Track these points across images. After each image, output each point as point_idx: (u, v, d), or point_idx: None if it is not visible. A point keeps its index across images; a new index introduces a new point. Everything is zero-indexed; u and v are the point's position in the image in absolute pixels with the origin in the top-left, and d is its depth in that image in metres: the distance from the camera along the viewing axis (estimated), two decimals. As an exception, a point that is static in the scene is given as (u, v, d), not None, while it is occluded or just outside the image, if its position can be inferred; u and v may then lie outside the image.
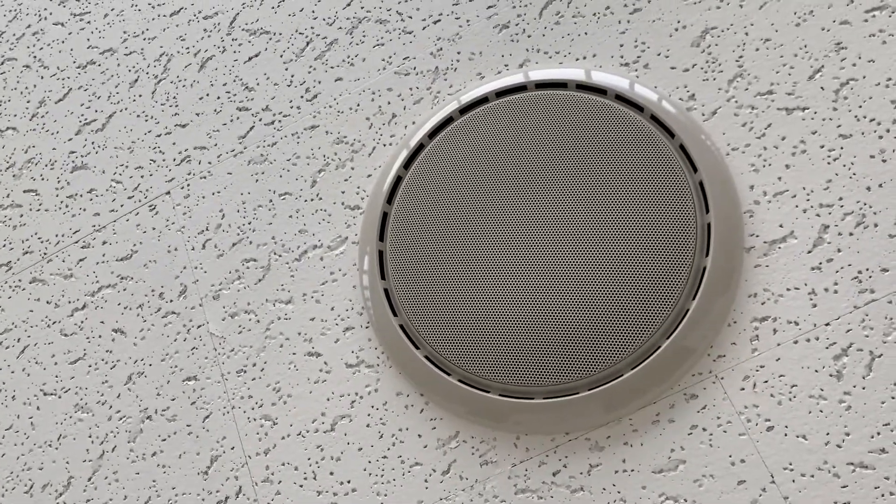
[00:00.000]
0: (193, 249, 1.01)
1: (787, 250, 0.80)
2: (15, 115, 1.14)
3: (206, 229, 1.01)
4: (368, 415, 0.88)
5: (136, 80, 1.10)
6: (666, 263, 0.80)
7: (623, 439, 0.80)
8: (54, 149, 1.11)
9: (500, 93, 0.92)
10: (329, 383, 0.90)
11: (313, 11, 1.05)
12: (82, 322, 1.02)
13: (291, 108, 1.02)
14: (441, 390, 0.85)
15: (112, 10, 1.15)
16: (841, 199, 0.80)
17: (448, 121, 0.93)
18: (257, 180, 1.00)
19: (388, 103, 0.98)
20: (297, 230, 0.97)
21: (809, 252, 0.80)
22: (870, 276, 0.78)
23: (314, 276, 0.95)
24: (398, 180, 0.93)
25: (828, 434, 0.75)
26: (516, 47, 0.95)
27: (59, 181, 1.09)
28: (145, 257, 1.02)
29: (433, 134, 0.93)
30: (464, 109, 0.93)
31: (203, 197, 1.02)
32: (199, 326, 0.97)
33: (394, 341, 0.88)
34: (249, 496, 0.90)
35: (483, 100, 0.93)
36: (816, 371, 0.77)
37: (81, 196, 1.08)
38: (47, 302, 1.04)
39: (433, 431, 0.86)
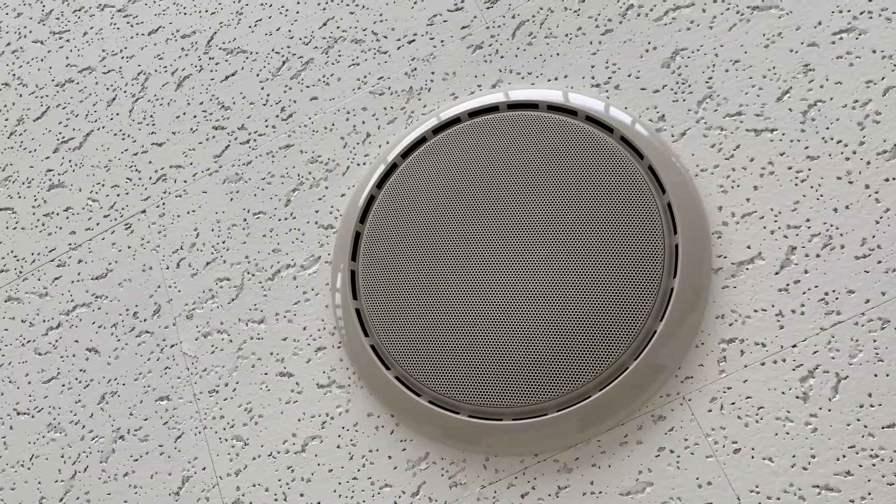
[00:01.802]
0: (168, 268, 1.01)
1: (755, 272, 0.81)
2: (-7, 133, 1.14)
3: (181, 248, 1.01)
4: (339, 436, 0.88)
5: (114, 99, 1.11)
6: (634, 284, 0.80)
7: (591, 461, 0.80)
8: (31, 167, 1.11)
9: (473, 113, 0.93)
10: (300, 404, 0.90)
11: (290, 31, 1.05)
12: (56, 341, 1.02)
13: (267, 127, 1.02)
14: (411, 411, 0.85)
15: (91, 28, 1.15)
16: (808, 220, 0.81)
17: (421, 140, 0.93)
18: (232, 199, 1.01)
19: (363, 122, 0.99)
20: (271, 249, 0.97)
21: (777, 273, 0.80)
22: (836, 298, 0.78)
23: (287, 295, 0.95)
24: (371, 200, 0.93)
25: (794, 456, 0.75)
26: (489, 68, 0.96)
27: (35, 199, 1.09)
28: (120, 276, 1.02)
29: (406, 153, 0.93)
30: (437, 129, 0.93)
31: (178, 216, 1.02)
32: (172, 346, 0.97)
33: (365, 362, 0.88)
34: (220, 517, 0.90)
35: (456, 120, 0.93)
36: (783, 393, 0.77)
37: (58, 214, 1.08)
38: (22, 321, 1.04)
39: (403, 453, 0.86)
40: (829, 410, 0.75)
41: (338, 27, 1.03)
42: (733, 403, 0.78)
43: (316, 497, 0.87)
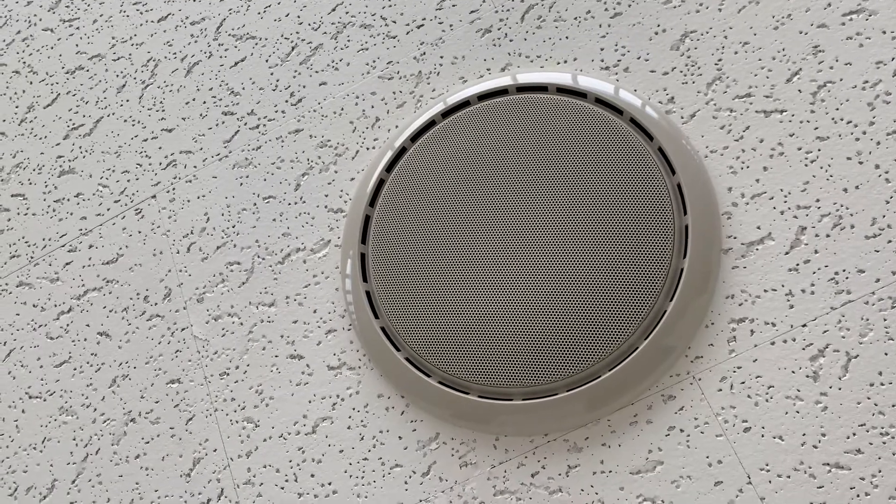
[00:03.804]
0: (178, 253, 1.01)
1: (765, 252, 0.81)
2: (3, 120, 1.15)
3: (191, 233, 1.01)
4: (349, 417, 0.89)
5: (124, 86, 1.11)
6: (643, 266, 0.81)
7: (601, 440, 0.80)
8: (42, 153, 1.12)
9: (482, 96, 0.93)
10: (311, 385, 0.91)
11: (299, 17, 1.06)
12: (68, 325, 1.03)
13: (276, 112, 1.03)
14: (421, 392, 0.86)
15: (101, 15, 1.16)
16: (818, 200, 0.81)
17: (430, 124, 0.94)
18: (242, 184, 1.01)
19: (372, 107, 0.99)
20: (281, 233, 0.97)
21: (787, 253, 0.80)
22: (846, 278, 0.78)
23: (297, 278, 0.95)
24: (381, 183, 0.93)
25: (804, 435, 0.75)
26: (498, 51, 0.96)
27: (46, 185, 1.10)
28: (131, 261, 1.03)
29: (416, 137, 0.94)
30: (446, 113, 0.94)
31: (188, 200, 1.03)
32: (182, 329, 0.98)
33: (375, 343, 0.88)
34: (231, 498, 0.90)
35: (465, 103, 0.93)
36: (793, 372, 0.77)
37: (69, 200, 1.08)
38: (33, 305, 1.05)
39: (413, 433, 0.86)
40: (840, 389, 0.76)
41: (346, 12, 1.04)
42: (743, 383, 0.78)
43: (327, 478, 0.87)
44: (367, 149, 0.98)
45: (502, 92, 0.92)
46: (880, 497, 0.72)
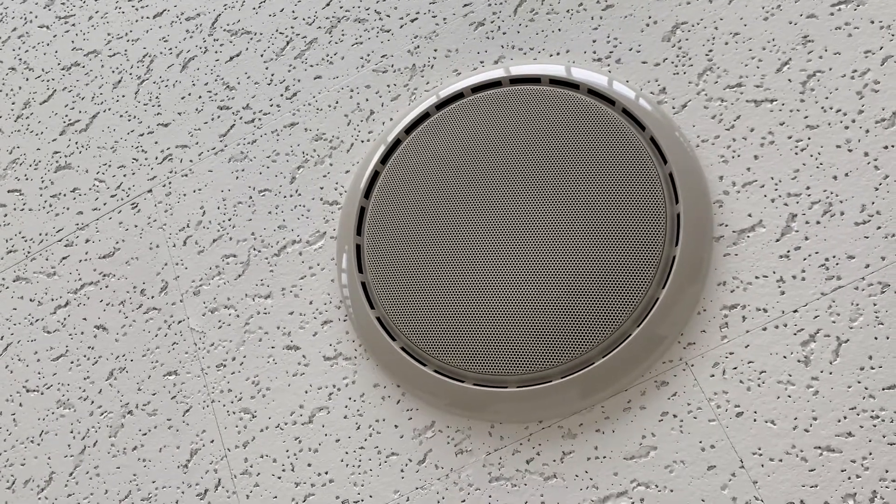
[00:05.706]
0: (175, 246, 1.02)
1: (756, 239, 0.82)
2: (0, 117, 1.16)
3: (188, 226, 1.02)
4: (346, 406, 0.89)
5: (120, 81, 1.12)
6: (636, 253, 0.81)
7: (595, 426, 0.81)
8: (38, 149, 1.12)
9: (476, 88, 0.94)
10: (307, 376, 0.91)
11: (293, 11, 1.06)
12: (65, 319, 1.03)
13: (271, 106, 1.03)
14: (417, 381, 0.86)
15: (96, 12, 1.16)
16: (808, 188, 0.82)
17: (424, 116, 0.94)
18: (237, 177, 1.02)
19: (366, 100, 1.00)
20: (277, 226, 0.98)
21: (777, 240, 0.81)
22: (836, 264, 0.79)
23: (293, 270, 0.96)
24: (375, 175, 0.94)
25: (796, 419, 0.76)
26: (492, 44, 0.97)
27: (42, 181, 1.10)
28: (127, 254, 1.03)
29: (410, 129, 0.94)
30: (440, 105, 0.94)
31: (184, 194, 1.03)
32: (179, 322, 0.98)
33: (371, 334, 0.89)
34: (228, 488, 0.90)
35: (459, 95, 0.94)
36: (785, 357, 0.78)
37: (65, 195, 1.09)
38: (30, 300, 1.05)
39: (409, 422, 0.87)
40: (831, 373, 0.76)
41: (341, 7, 1.04)
42: (735, 368, 0.79)
43: (324, 467, 0.88)
44: (362, 141, 0.98)
45: (496, 84, 0.93)
46: (871, 479, 0.73)
